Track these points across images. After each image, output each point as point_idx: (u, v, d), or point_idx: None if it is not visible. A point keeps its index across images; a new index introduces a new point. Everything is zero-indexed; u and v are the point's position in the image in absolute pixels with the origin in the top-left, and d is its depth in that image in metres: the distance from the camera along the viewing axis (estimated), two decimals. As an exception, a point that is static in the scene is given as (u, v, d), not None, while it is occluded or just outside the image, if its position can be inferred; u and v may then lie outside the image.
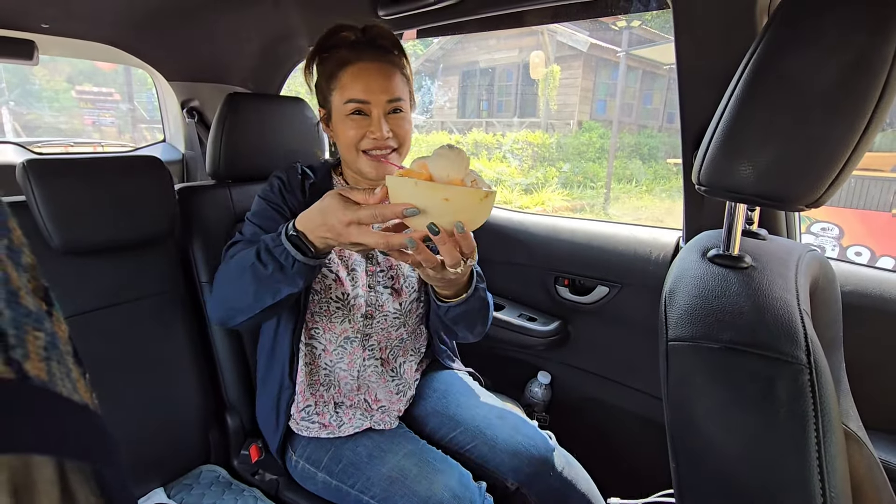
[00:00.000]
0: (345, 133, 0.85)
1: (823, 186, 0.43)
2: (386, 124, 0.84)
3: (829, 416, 0.37)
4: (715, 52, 0.81)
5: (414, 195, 0.59)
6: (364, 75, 0.83)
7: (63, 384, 0.13)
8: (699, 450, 0.42)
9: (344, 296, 0.90)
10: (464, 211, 0.60)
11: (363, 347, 0.94)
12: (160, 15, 1.41)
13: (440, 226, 0.61)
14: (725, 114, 0.47)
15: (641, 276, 1.14)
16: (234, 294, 0.78)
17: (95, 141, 3.27)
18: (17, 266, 0.14)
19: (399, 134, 0.86)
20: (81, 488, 0.16)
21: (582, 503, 0.92)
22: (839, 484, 0.36)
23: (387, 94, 0.83)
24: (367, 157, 0.85)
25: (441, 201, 0.58)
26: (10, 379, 0.12)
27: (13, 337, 0.12)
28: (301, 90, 1.22)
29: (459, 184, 0.59)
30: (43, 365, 0.13)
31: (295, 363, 0.92)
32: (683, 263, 0.53)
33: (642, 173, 7.86)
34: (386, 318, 0.94)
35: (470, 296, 0.83)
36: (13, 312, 0.13)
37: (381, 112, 0.83)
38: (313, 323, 0.93)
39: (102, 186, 0.93)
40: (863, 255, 3.22)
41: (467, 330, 0.91)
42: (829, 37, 0.40)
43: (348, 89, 0.84)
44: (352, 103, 0.83)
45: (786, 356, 0.39)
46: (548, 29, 8.60)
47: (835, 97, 0.40)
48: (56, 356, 0.14)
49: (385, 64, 0.85)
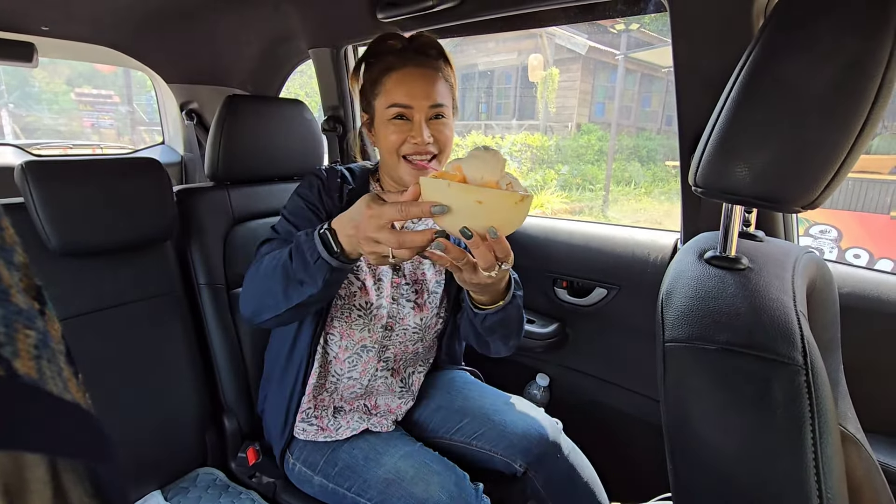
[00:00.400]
0: (386, 137, 0.85)
1: (819, 188, 0.43)
2: (427, 129, 0.83)
3: (825, 418, 0.37)
4: (711, 55, 0.81)
5: (446, 196, 0.57)
6: (407, 80, 0.84)
7: (54, 383, 0.13)
8: (696, 451, 0.42)
9: (367, 305, 0.90)
10: (497, 214, 0.58)
11: (378, 358, 0.94)
12: (160, 18, 1.42)
13: (472, 229, 0.59)
14: (722, 116, 0.47)
15: (640, 278, 1.14)
16: (264, 290, 0.78)
17: (94, 143, 3.27)
18: (9, 264, 0.14)
19: (440, 140, 0.85)
20: (75, 488, 0.16)
21: (587, 491, 0.93)
22: (836, 485, 0.36)
23: (429, 99, 0.83)
24: (407, 162, 0.85)
25: (474, 204, 0.56)
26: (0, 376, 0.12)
27: (2, 335, 0.12)
28: (300, 92, 1.22)
29: (494, 186, 0.57)
30: (33, 363, 0.13)
31: (309, 367, 0.92)
32: (680, 265, 0.53)
33: (641, 175, 7.87)
34: (405, 331, 0.94)
35: (508, 303, 0.81)
36: (3, 310, 0.13)
37: (422, 117, 0.83)
38: (331, 328, 0.92)
39: (101, 188, 0.93)
40: (861, 258, 3.22)
41: (502, 341, 0.89)
42: (824, 41, 0.40)
43: (392, 94, 0.84)
44: (394, 108, 0.83)
45: (782, 357, 0.39)
46: (546, 32, 8.63)
47: (830, 100, 0.40)
48: (47, 355, 0.14)
49: (429, 70, 0.85)
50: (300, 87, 7.11)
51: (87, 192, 0.92)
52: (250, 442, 1.05)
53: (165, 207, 1.01)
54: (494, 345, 0.90)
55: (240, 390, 1.10)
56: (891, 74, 0.39)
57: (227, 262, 1.11)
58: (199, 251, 1.09)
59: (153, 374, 1.01)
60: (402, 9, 1.10)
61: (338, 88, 1.50)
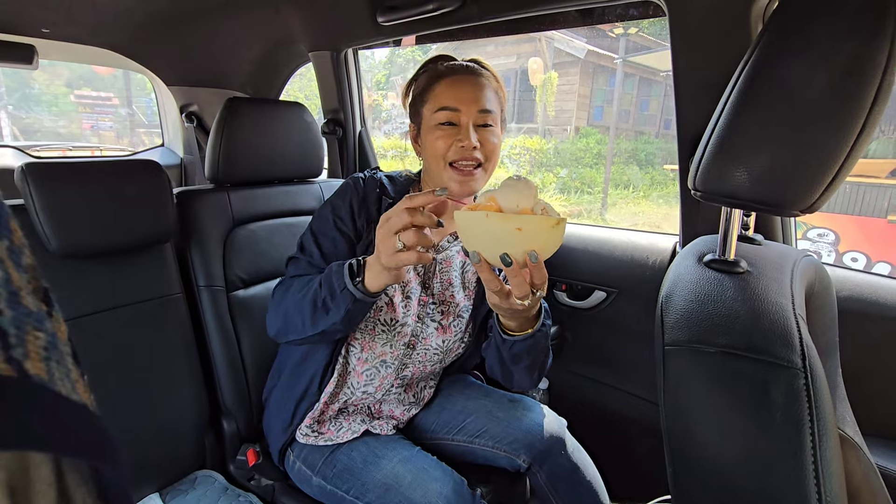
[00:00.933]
0: (433, 143, 0.85)
1: (817, 192, 0.43)
2: (475, 133, 0.83)
3: (824, 420, 0.37)
4: (710, 60, 0.82)
5: (486, 228, 0.59)
6: (457, 85, 0.84)
7: (62, 384, 0.13)
8: (695, 453, 0.42)
9: (392, 321, 0.90)
10: (536, 239, 0.59)
11: (396, 375, 0.94)
12: (161, 20, 1.42)
13: (513, 256, 0.60)
14: (721, 120, 0.48)
15: (638, 281, 1.14)
16: (292, 313, 0.81)
17: (94, 145, 3.27)
18: (18, 266, 0.14)
19: (486, 147, 0.85)
20: (78, 489, 0.16)
21: (589, 489, 0.93)
22: (835, 488, 0.36)
23: (477, 104, 0.83)
24: (454, 169, 0.85)
25: (513, 231, 0.58)
26: (11, 377, 0.12)
27: (14, 336, 0.13)
28: (300, 95, 1.22)
29: (529, 213, 0.59)
30: (43, 364, 0.13)
31: (329, 374, 0.91)
32: (680, 268, 0.54)
33: (639, 179, 7.88)
34: (427, 351, 0.94)
35: (537, 331, 0.79)
36: (14, 312, 0.13)
37: (470, 121, 0.83)
38: (353, 339, 0.92)
39: (101, 190, 0.93)
40: (859, 261, 3.23)
41: (527, 371, 0.86)
42: (822, 45, 0.41)
43: (440, 98, 0.85)
44: (443, 111, 0.84)
45: (781, 360, 0.39)
46: (545, 36, 8.65)
47: (828, 105, 0.41)
48: (56, 356, 0.14)
49: (478, 77, 0.86)
50: (299, 89, 7.13)
51: (87, 193, 0.92)
52: (250, 444, 1.04)
53: (166, 209, 1.01)
54: (518, 374, 0.87)
55: (239, 393, 1.10)
56: (888, 79, 0.40)
57: (227, 264, 1.11)
58: (199, 253, 1.09)
59: (152, 376, 1.01)
60: (402, 13, 1.11)
61: (338, 91, 1.50)
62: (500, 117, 0.89)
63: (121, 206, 0.95)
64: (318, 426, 0.93)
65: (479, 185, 0.86)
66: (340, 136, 1.58)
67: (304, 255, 0.88)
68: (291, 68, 1.69)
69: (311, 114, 1.29)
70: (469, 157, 0.83)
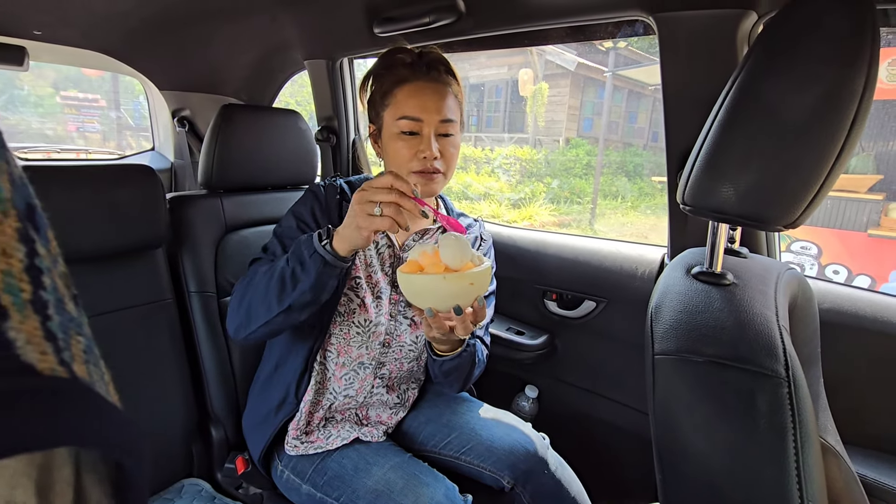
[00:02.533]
0: (396, 151, 0.86)
1: (800, 209, 0.45)
2: (436, 143, 0.85)
3: (806, 428, 0.39)
4: (698, 78, 0.84)
5: (446, 287, 0.66)
6: (419, 94, 0.85)
7: (100, 385, 0.14)
8: (684, 461, 0.43)
9: (366, 322, 0.91)
10: (482, 288, 0.69)
11: (374, 375, 0.95)
12: (155, 25, 1.42)
13: (464, 306, 0.70)
14: (708, 138, 0.50)
15: (627, 291, 1.16)
16: (256, 299, 0.80)
17: (82, 148, 3.23)
18: (59, 274, 0.15)
19: (446, 157, 0.87)
20: (94, 489, 0.17)
21: None
22: (816, 494, 0.37)
23: (439, 113, 0.84)
24: (416, 176, 0.86)
25: (467, 286, 0.67)
26: (67, 378, 0.12)
27: (62, 340, 0.13)
28: (291, 101, 1.23)
29: (471, 265, 0.68)
30: (84, 367, 0.14)
31: (304, 381, 0.91)
32: (669, 280, 0.55)
33: (628, 190, 7.99)
34: (402, 348, 0.95)
35: (463, 351, 0.88)
36: (61, 317, 0.14)
37: (432, 131, 0.85)
38: (329, 345, 0.93)
39: (92, 194, 0.92)
40: (840, 274, 3.30)
41: (456, 382, 0.95)
42: (804, 69, 0.43)
43: (402, 106, 0.85)
44: (405, 120, 0.84)
45: (766, 370, 0.41)
46: (537, 48, 8.78)
47: (809, 125, 0.43)
48: (93, 360, 0.15)
49: (440, 85, 0.87)
50: (291, 95, 7.12)
51: (77, 197, 0.91)
52: (238, 451, 1.03)
53: (158, 214, 1.01)
54: (448, 385, 0.97)
55: (228, 400, 1.09)
56: (865, 103, 0.42)
57: (219, 270, 1.10)
58: (191, 259, 1.08)
59: (140, 382, 0.99)
60: (399, 24, 1.13)
61: (332, 100, 1.51)
62: (459, 122, 0.91)
63: (113, 210, 0.94)
64: (305, 436, 0.92)
65: (439, 187, 0.88)
66: (334, 143, 1.59)
67: (268, 255, 0.88)
68: (286, 75, 1.70)
69: (306, 121, 1.29)
70: (430, 167, 0.85)
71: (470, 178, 7.99)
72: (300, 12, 1.28)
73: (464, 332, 0.76)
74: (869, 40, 0.41)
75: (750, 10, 0.77)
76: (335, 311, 0.90)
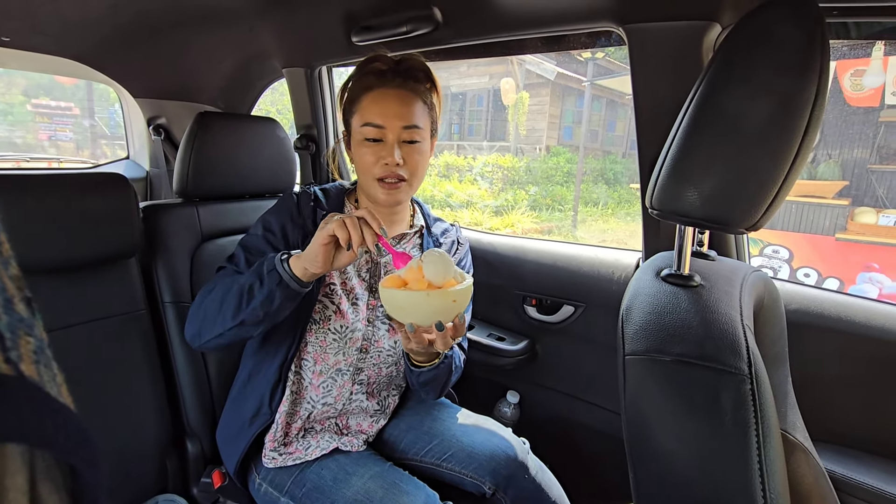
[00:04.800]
0: (361, 158, 0.86)
1: (760, 212, 0.47)
2: (399, 151, 0.84)
3: (768, 423, 0.40)
4: (666, 87, 0.87)
5: (429, 304, 0.68)
6: (383, 101, 0.85)
7: (50, 386, 0.14)
8: (653, 457, 0.44)
9: (342, 328, 0.90)
10: (463, 304, 0.70)
11: (353, 381, 0.94)
12: (129, 32, 1.40)
13: (445, 322, 0.72)
14: (674, 144, 0.51)
15: (604, 295, 1.18)
16: (211, 310, 0.80)
17: (53, 157, 3.15)
18: (9, 276, 0.15)
19: (410, 165, 0.86)
20: (50, 498, 0.17)
21: None
22: (778, 486, 0.39)
23: (402, 120, 0.84)
24: (381, 184, 0.86)
25: (450, 303, 0.68)
26: (12, 375, 0.12)
27: (9, 340, 0.13)
28: (271, 109, 1.23)
29: (453, 283, 0.69)
30: (34, 367, 0.14)
31: (279, 391, 0.90)
32: (639, 283, 0.57)
33: (608, 197, 8.13)
34: (380, 353, 0.95)
35: (441, 362, 0.88)
36: (9, 317, 0.14)
37: (395, 138, 0.84)
38: (305, 353, 0.92)
39: (62, 204, 0.90)
40: (811, 276, 3.41)
41: (433, 391, 0.95)
42: (758, 78, 0.45)
43: (366, 113, 0.85)
44: (368, 127, 0.85)
45: (730, 367, 0.42)
46: (517, 58, 8.91)
47: (766, 132, 0.45)
48: (44, 360, 0.15)
49: (406, 91, 0.86)
50: (271, 103, 7.06)
51: (47, 207, 0.89)
52: (215, 465, 1.01)
53: (131, 224, 0.99)
54: (425, 393, 0.97)
55: (204, 412, 1.07)
56: (817, 111, 0.44)
57: (194, 279, 1.09)
58: (165, 268, 1.06)
59: (112, 396, 0.97)
60: (376, 33, 1.13)
61: (311, 108, 1.51)
62: (429, 130, 0.90)
63: (84, 220, 0.92)
64: (283, 447, 0.91)
65: (403, 196, 0.88)
66: (313, 151, 1.58)
67: (231, 264, 0.88)
68: (264, 83, 1.69)
69: (284, 129, 1.29)
70: (392, 174, 0.85)
71: (452, 187, 8.03)
72: (278, 21, 1.28)
73: (443, 347, 0.77)
74: (819, 51, 0.43)
75: (714, 22, 0.80)
76: (310, 319, 0.89)
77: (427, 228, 1.01)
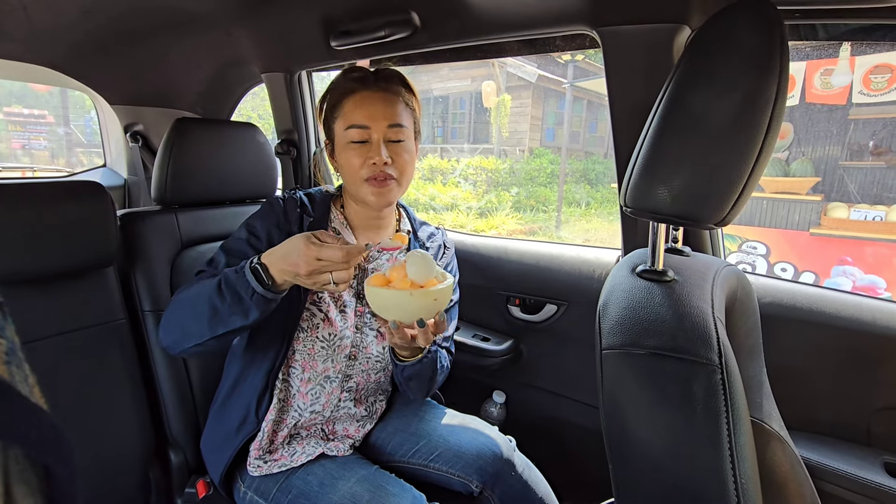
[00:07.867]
0: (347, 161, 0.86)
1: (727, 207, 0.49)
2: (385, 149, 0.85)
3: (738, 411, 0.41)
4: (639, 87, 0.89)
5: (412, 302, 0.70)
6: (366, 102, 0.86)
7: (22, 386, 0.14)
8: (630, 449, 0.45)
9: (331, 336, 0.90)
10: (444, 303, 0.73)
11: (341, 388, 0.94)
12: (104, 38, 1.38)
13: (426, 319, 0.75)
14: (645, 143, 0.53)
15: (586, 293, 1.20)
16: (188, 320, 0.79)
17: (26, 166, 3.07)
18: None
19: (398, 163, 0.87)
20: (25, 500, 0.17)
21: None
22: (748, 471, 0.40)
23: (387, 119, 0.85)
24: (369, 184, 0.86)
25: (432, 302, 0.71)
26: None
27: None
28: (252, 115, 1.22)
29: (434, 282, 0.72)
30: (5, 367, 0.14)
31: (266, 400, 0.89)
32: (615, 279, 0.58)
33: (591, 197, 8.22)
34: (368, 360, 0.95)
35: (424, 357, 0.89)
36: None
37: (381, 137, 0.85)
38: (293, 361, 0.91)
39: (37, 213, 0.89)
40: (788, 271, 3.50)
41: (419, 389, 0.96)
42: (724, 78, 0.46)
43: (350, 116, 0.86)
44: (353, 129, 0.85)
45: (701, 359, 0.44)
46: (498, 61, 8.98)
47: (730, 130, 0.46)
48: (16, 361, 0.15)
49: (388, 94, 0.87)
50: (252, 108, 6.99)
51: (21, 216, 0.87)
52: (199, 475, 1.00)
53: (108, 232, 0.97)
54: (411, 391, 0.98)
55: (187, 421, 1.06)
56: (778, 109, 0.46)
57: (175, 287, 1.07)
58: (144, 277, 1.05)
59: (92, 407, 0.95)
60: (355, 38, 1.14)
61: (291, 112, 1.51)
62: (413, 130, 0.91)
63: (59, 229, 0.90)
64: (268, 455, 0.90)
65: (394, 195, 0.89)
66: (294, 156, 1.57)
67: (211, 267, 0.88)
68: (244, 88, 1.68)
69: (265, 134, 1.28)
70: (381, 174, 0.86)
71: (435, 190, 8.04)
72: (256, 26, 1.28)
73: (424, 343, 0.80)
74: (778, 52, 0.45)
75: (684, 25, 0.82)
76: (297, 327, 0.89)
77: (413, 233, 1.02)
